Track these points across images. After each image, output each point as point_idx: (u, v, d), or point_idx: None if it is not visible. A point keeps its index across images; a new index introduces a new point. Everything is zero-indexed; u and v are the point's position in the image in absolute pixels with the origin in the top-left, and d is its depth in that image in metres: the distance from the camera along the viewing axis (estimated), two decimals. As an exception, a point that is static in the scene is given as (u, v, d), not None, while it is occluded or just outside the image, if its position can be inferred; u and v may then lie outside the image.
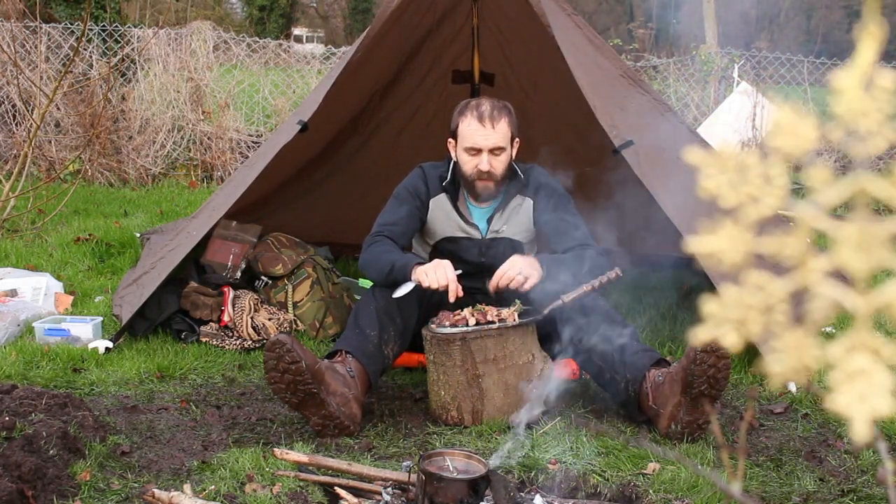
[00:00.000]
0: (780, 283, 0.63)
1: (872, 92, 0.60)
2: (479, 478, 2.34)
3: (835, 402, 0.60)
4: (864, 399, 0.59)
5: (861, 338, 0.60)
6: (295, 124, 3.87)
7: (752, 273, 0.63)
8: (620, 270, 3.00)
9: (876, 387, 0.59)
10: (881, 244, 0.60)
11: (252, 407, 3.12)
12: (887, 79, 0.60)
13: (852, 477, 2.64)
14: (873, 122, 0.60)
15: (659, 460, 2.63)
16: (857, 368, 0.60)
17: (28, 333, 3.76)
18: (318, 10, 37.83)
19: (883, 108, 0.60)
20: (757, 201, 0.64)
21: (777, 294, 0.63)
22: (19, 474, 2.23)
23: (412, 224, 3.31)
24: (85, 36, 7.47)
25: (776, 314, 0.63)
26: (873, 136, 0.60)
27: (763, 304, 0.63)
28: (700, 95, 10.41)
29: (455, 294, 2.93)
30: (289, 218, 4.93)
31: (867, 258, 0.60)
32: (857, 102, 0.60)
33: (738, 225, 0.64)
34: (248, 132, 8.61)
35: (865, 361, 0.60)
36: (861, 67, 0.61)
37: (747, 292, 0.63)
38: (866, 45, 0.61)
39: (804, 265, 0.62)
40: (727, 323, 0.63)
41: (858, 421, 0.59)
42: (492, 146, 3.19)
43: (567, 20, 3.90)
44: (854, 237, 0.60)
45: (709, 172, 0.64)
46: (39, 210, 5.91)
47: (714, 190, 0.64)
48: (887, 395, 0.59)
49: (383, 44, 4.09)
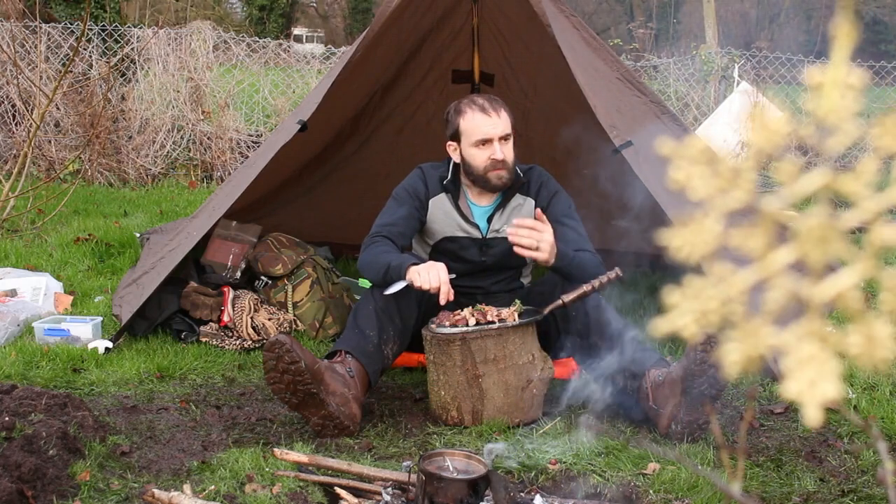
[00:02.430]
0: (742, 274, 0.65)
1: (843, 89, 0.62)
2: (479, 478, 2.34)
3: (787, 389, 0.62)
4: (814, 384, 0.61)
5: (812, 326, 0.62)
6: (294, 124, 3.87)
7: (716, 264, 0.64)
8: (620, 271, 3.00)
9: (825, 373, 0.61)
10: (839, 237, 0.62)
11: (252, 407, 3.12)
12: (856, 77, 0.62)
13: (852, 477, 2.64)
14: (841, 118, 0.62)
15: (659, 460, 2.63)
16: (808, 355, 0.62)
17: (28, 333, 3.75)
18: (318, 10, 37.83)
19: (851, 105, 0.61)
20: (726, 194, 0.65)
21: (738, 285, 0.65)
22: (19, 474, 2.23)
23: (411, 224, 3.31)
24: (85, 36, 7.47)
25: (735, 305, 0.65)
26: (839, 132, 0.62)
27: (724, 296, 0.65)
28: (700, 95, 10.41)
29: (446, 297, 2.92)
30: (289, 217, 4.94)
31: (825, 250, 0.62)
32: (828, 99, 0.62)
33: (708, 217, 0.65)
34: (248, 132, 8.61)
35: (815, 349, 0.62)
36: (835, 65, 0.62)
37: (709, 283, 0.65)
38: (841, 43, 0.62)
39: (766, 257, 0.64)
40: (689, 313, 0.65)
41: (809, 406, 0.61)
42: (501, 133, 3.21)
43: (566, 21, 3.90)
44: (814, 230, 0.62)
45: (679, 164, 0.65)
46: (39, 210, 5.91)
47: (684, 181, 0.65)
48: (835, 381, 0.61)
49: (383, 43, 4.09)
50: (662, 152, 0.66)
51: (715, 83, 10.59)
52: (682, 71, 10.60)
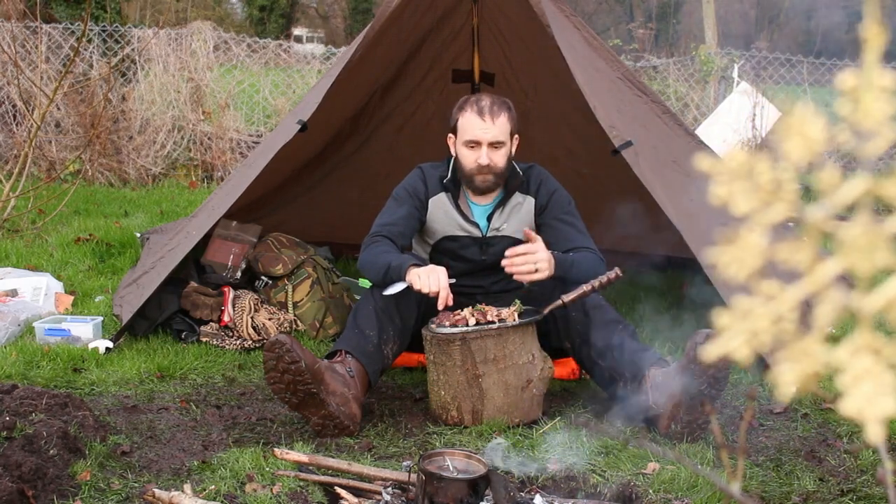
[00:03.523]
0: (791, 290, 0.63)
1: (875, 93, 0.61)
2: (479, 478, 2.34)
3: (846, 406, 0.60)
4: (872, 400, 0.59)
5: (864, 339, 0.60)
6: (294, 124, 3.87)
7: (763, 282, 0.63)
8: (620, 271, 3.00)
9: (882, 387, 0.59)
10: (885, 245, 0.61)
11: (252, 407, 3.12)
12: (889, 79, 0.61)
13: (852, 477, 2.64)
14: (876, 122, 0.60)
15: (659, 460, 2.64)
16: (863, 370, 0.60)
17: (28, 333, 3.76)
18: (318, 10, 37.83)
19: (885, 108, 0.60)
20: (769, 207, 0.64)
21: (787, 302, 0.63)
22: (19, 474, 2.23)
23: (411, 224, 3.31)
24: (85, 36, 7.47)
25: (786, 323, 0.63)
26: (876, 137, 0.60)
27: (774, 314, 0.63)
28: (700, 95, 10.41)
29: (445, 301, 2.92)
30: (289, 217, 4.94)
31: (871, 259, 0.60)
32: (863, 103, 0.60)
33: (753, 232, 0.64)
34: (248, 132, 8.61)
35: (870, 362, 0.60)
36: (867, 68, 0.61)
37: (758, 302, 0.63)
38: (870, 46, 0.61)
39: (813, 270, 0.62)
40: (740, 335, 0.63)
41: (871, 422, 0.59)
42: (491, 140, 3.19)
43: (566, 21, 3.90)
44: (859, 239, 0.60)
45: (720, 179, 0.64)
46: (40, 210, 5.91)
47: (726, 196, 0.64)
48: (893, 394, 0.59)
49: (383, 43, 4.09)
50: (701, 168, 0.64)
51: (715, 83, 10.59)
52: (681, 71, 10.60)
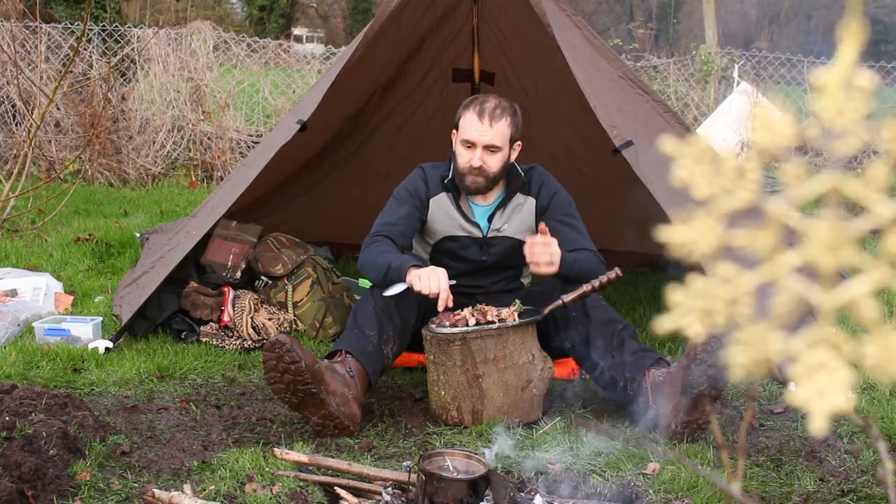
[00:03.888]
0: (748, 275, 0.64)
1: (851, 91, 0.61)
2: (479, 478, 2.34)
3: (795, 396, 0.60)
4: (823, 393, 0.59)
5: (823, 333, 0.61)
6: (294, 124, 3.87)
7: (720, 264, 0.64)
8: (620, 271, 3.00)
9: (836, 381, 0.59)
10: (849, 242, 0.61)
11: (252, 407, 3.12)
12: (865, 79, 0.61)
13: (852, 477, 2.64)
14: (849, 121, 0.61)
15: (659, 460, 2.64)
16: (818, 363, 0.60)
17: (28, 333, 3.75)
18: (318, 10, 37.83)
19: (860, 107, 0.60)
20: (730, 193, 0.64)
21: (743, 286, 0.63)
22: (19, 474, 2.23)
23: (412, 224, 3.31)
24: (85, 36, 7.47)
25: (741, 306, 0.63)
26: (848, 135, 0.61)
27: (729, 296, 0.63)
28: (700, 95, 10.41)
29: (444, 303, 2.92)
30: (289, 217, 4.94)
31: (835, 255, 0.61)
32: (835, 101, 0.61)
33: (711, 216, 0.64)
34: (248, 132, 8.61)
35: (826, 356, 0.60)
36: (841, 67, 0.61)
37: (714, 283, 0.64)
38: (848, 44, 0.61)
39: (773, 259, 0.63)
40: (692, 312, 0.64)
41: (817, 415, 0.59)
42: (486, 143, 3.19)
43: (567, 20, 3.89)
44: (824, 234, 0.61)
45: (683, 162, 0.65)
46: (39, 210, 5.91)
47: (688, 180, 0.65)
48: (846, 390, 0.59)
49: (383, 43, 4.08)
50: (665, 151, 0.65)
51: (715, 83, 10.59)
52: (681, 71, 10.60)
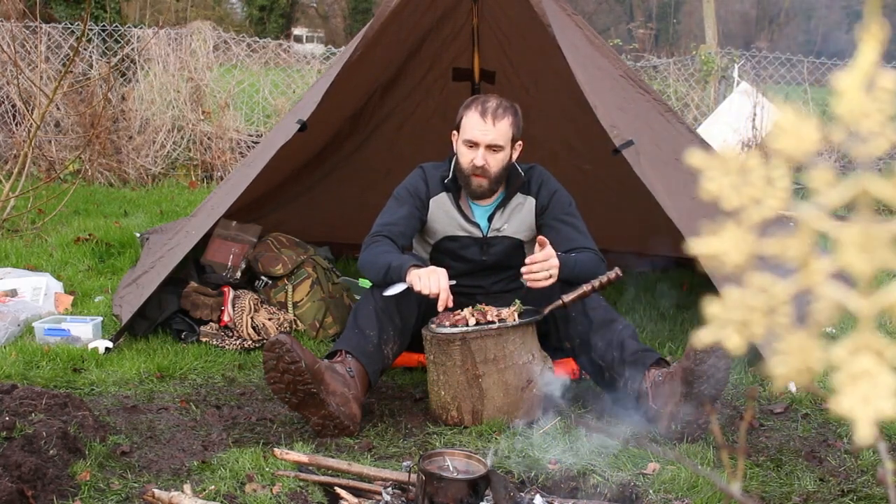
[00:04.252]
0: (783, 284, 0.63)
1: (874, 92, 0.60)
2: (479, 478, 2.34)
3: (839, 404, 0.59)
4: (867, 401, 0.58)
5: (865, 339, 0.60)
6: (294, 124, 3.87)
7: (755, 275, 0.63)
8: (620, 271, 3.00)
9: (880, 388, 0.59)
10: (884, 245, 0.60)
11: (252, 407, 3.12)
12: (888, 79, 0.60)
13: (852, 477, 2.64)
14: (875, 122, 0.60)
15: (659, 460, 2.63)
16: (861, 370, 0.59)
17: (28, 333, 3.75)
18: (318, 10, 37.82)
19: (884, 108, 0.60)
20: (759, 203, 0.63)
21: (780, 296, 0.63)
22: (19, 474, 2.23)
23: (412, 224, 3.31)
24: (85, 36, 7.47)
25: (779, 316, 0.62)
26: (875, 137, 0.60)
27: (766, 306, 0.63)
28: (700, 95, 10.42)
29: (444, 304, 2.93)
30: (289, 216, 4.94)
31: (870, 259, 0.60)
32: (859, 103, 0.60)
33: (741, 227, 0.64)
34: (248, 132, 8.61)
35: (869, 363, 0.59)
36: (863, 68, 0.60)
37: (750, 294, 0.63)
38: (868, 45, 0.60)
39: (807, 267, 0.62)
40: (730, 325, 0.63)
41: (862, 423, 0.58)
42: (489, 142, 3.19)
43: (567, 20, 3.90)
44: (857, 238, 0.60)
45: (711, 174, 0.64)
46: (39, 210, 5.91)
47: (716, 192, 0.64)
48: (891, 397, 0.58)
49: (382, 42, 4.08)
50: (691, 164, 0.65)
51: (715, 83, 10.59)
52: (681, 71, 10.60)
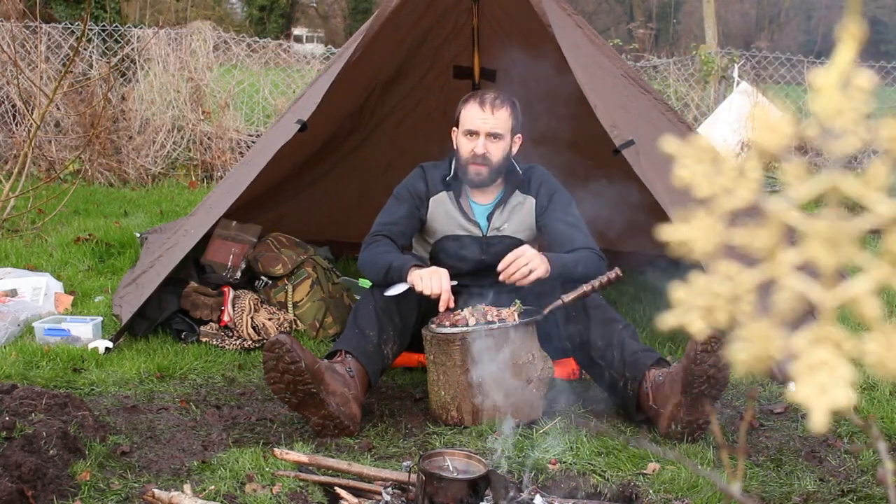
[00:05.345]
0: (749, 273, 0.64)
1: (850, 91, 0.61)
2: (479, 478, 2.34)
3: (796, 393, 0.61)
4: (824, 390, 0.60)
5: (824, 330, 0.61)
6: (294, 123, 3.86)
7: (722, 262, 0.64)
8: (620, 271, 3.00)
9: (836, 378, 0.60)
10: (850, 241, 0.61)
11: (252, 407, 3.12)
12: (864, 79, 0.61)
13: (852, 477, 2.64)
14: (848, 120, 0.61)
15: (659, 460, 2.63)
16: (819, 360, 0.60)
17: (28, 333, 3.75)
18: (318, 10, 37.82)
19: (858, 107, 0.61)
20: (730, 192, 0.64)
21: (745, 284, 0.64)
22: (19, 474, 2.23)
23: (412, 224, 3.31)
24: (85, 36, 7.47)
25: (743, 304, 0.64)
26: (847, 135, 0.61)
27: (731, 294, 0.64)
28: (700, 95, 10.42)
29: (446, 304, 2.94)
30: (289, 213, 4.94)
31: (835, 254, 0.61)
32: (834, 101, 0.61)
33: (711, 215, 0.65)
34: (248, 132, 8.61)
35: (827, 354, 0.61)
36: (840, 66, 0.61)
37: (716, 281, 0.64)
38: (846, 44, 0.61)
39: (773, 257, 0.63)
40: (695, 310, 0.64)
41: (818, 411, 0.59)
42: (489, 130, 3.21)
43: (568, 20, 3.90)
44: (824, 233, 0.61)
45: (684, 162, 0.65)
46: (39, 210, 5.91)
47: (688, 179, 0.65)
48: (847, 388, 0.59)
49: (382, 42, 4.08)
50: (666, 150, 0.65)
51: (715, 83, 10.59)
52: (681, 71, 10.60)
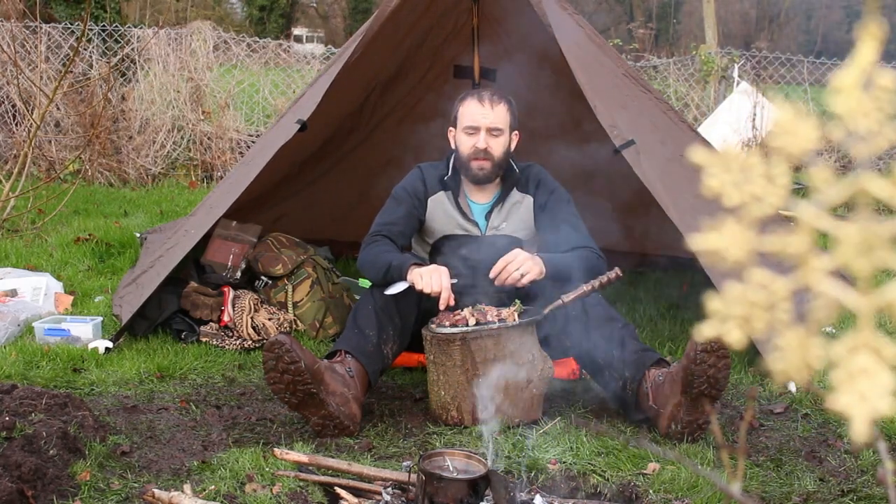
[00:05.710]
0: (783, 281, 0.63)
1: (872, 91, 0.60)
2: (479, 478, 2.34)
3: (836, 402, 0.59)
4: (864, 399, 0.59)
5: (863, 337, 0.60)
6: (294, 123, 3.86)
7: (755, 271, 0.63)
8: (620, 270, 3.00)
9: (877, 387, 0.59)
10: (883, 244, 0.60)
11: (252, 407, 3.12)
12: (887, 78, 0.60)
13: (852, 477, 2.64)
14: (873, 121, 0.60)
15: (659, 460, 2.63)
16: (859, 368, 0.59)
17: (28, 333, 3.75)
18: (318, 10, 37.82)
19: (883, 107, 0.60)
20: (759, 200, 0.64)
21: (780, 292, 0.63)
22: (19, 474, 2.23)
23: (411, 224, 3.32)
24: (85, 36, 7.47)
25: (779, 312, 0.63)
26: (874, 136, 0.60)
27: (766, 302, 0.63)
28: (700, 95, 10.42)
29: (446, 303, 2.94)
30: (289, 211, 4.94)
31: (869, 258, 0.60)
32: (857, 102, 0.60)
33: (741, 223, 0.64)
34: (248, 132, 8.61)
35: (867, 361, 0.59)
36: (861, 67, 0.61)
37: (751, 290, 0.63)
38: (866, 44, 0.61)
39: (806, 264, 0.62)
40: (731, 320, 0.63)
41: (858, 420, 0.58)
42: (489, 125, 3.22)
43: (569, 19, 3.90)
44: (856, 237, 0.60)
45: (713, 171, 0.65)
46: (39, 210, 5.91)
47: (718, 189, 0.65)
48: (888, 396, 0.58)
49: (382, 42, 4.08)
50: (694, 161, 0.65)
51: (715, 83, 10.59)
52: (681, 71, 10.60)
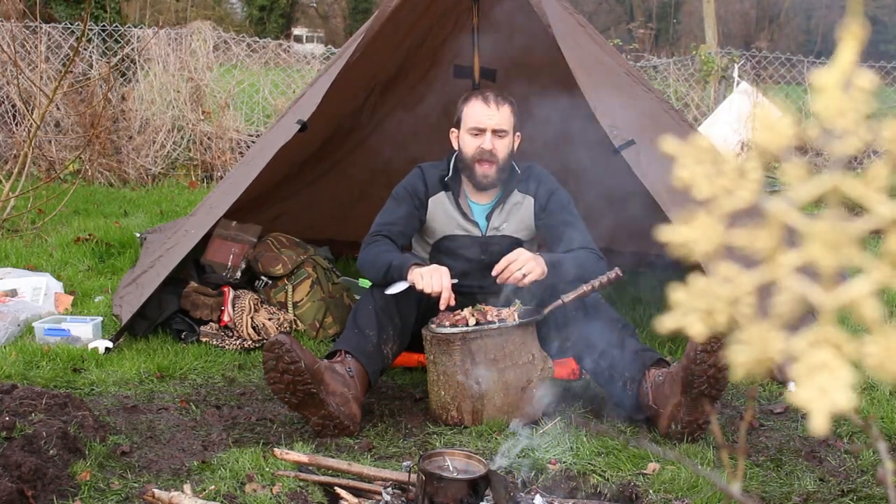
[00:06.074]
0: (749, 275, 0.64)
1: (851, 92, 0.61)
2: (479, 478, 2.34)
3: (796, 395, 0.60)
4: (824, 393, 0.59)
5: (825, 333, 0.61)
6: (294, 123, 3.86)
7: (722, 264, 0.64)
8: (620, 271, 3.00)
9: (837, 381, 0.60)
10: (850, 242, 0.61)
11: (252, 407, 3.12)
12: (865, 79, 0.61)
13: (852, 477, 2.64)
14: (849, 121, 0.61)
15: (659, 460, 2.63)
16: (820, 362, 0.60)
17: (28, 333, 3.75)
18: (318, 10, 37.82)
19: (860, 107, 0.61)
20: (730, 193, 0.64)
21: (744, 286, 0.64)
22: (19, 474, 2.23)
23: (411, 224, 3.32)
24: (85, 36, 7.47)
25: (742, 306, 0.63)
26: (849, 136, 0.61)
27: (730, 296, 0.63)
28: (700, 95, 10.42)
29: (446, 302, 2.94)
30: (289, 213, 4.94)
31: (836, 255, 0.61)
32: (836, 101, 0.61)
33: (711, 216, 0.64)
34: (248, 132, 8.61)
35: (828, 356, 0.60)
36: (842, 67, 0.61)
37: (715, 283, 0.64)
38: (848, 44, 0.61)
39: (773, 259, 0.63)
40: (694, 312, 0.64)
41: (818, 414, 0.59)
42: (495, 126, 3.22)
43: (569, 18, 3.90)
44: (824, 234, 0.61)
45: (684, 162, 0.65)
46: (39, 210, 5.91)
47: (688, 180, 0.65)
48: (847, 390, 0.59)
49: (382, 42, 4.08)
50: (666, 150, 0.65)
51: (715, 83, 10.59)
52: (681, 71, 10.60)
